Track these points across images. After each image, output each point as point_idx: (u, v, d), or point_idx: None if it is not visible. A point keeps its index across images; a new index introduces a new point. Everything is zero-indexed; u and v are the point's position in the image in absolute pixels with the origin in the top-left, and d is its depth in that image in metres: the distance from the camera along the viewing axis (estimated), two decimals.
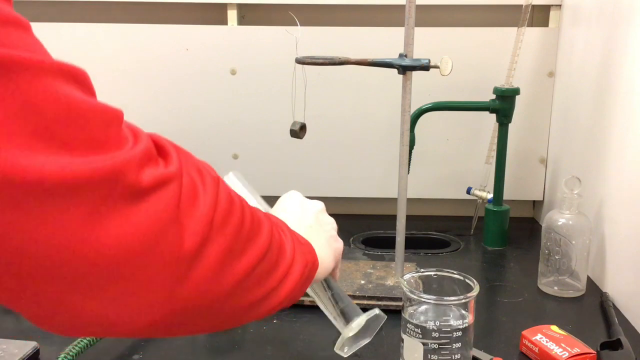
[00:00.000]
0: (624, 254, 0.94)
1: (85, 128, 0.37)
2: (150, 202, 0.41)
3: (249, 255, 0.51)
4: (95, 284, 0.39)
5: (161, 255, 0.42)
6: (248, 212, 0.53)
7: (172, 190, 0.43)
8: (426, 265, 1.08)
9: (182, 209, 0.43)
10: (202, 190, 0.46)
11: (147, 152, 0.42)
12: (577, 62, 1.17)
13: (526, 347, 0.80)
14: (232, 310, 0.52)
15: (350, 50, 1.00)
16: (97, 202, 0.37)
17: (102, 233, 0.38)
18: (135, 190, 0.39)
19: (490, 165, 1.25)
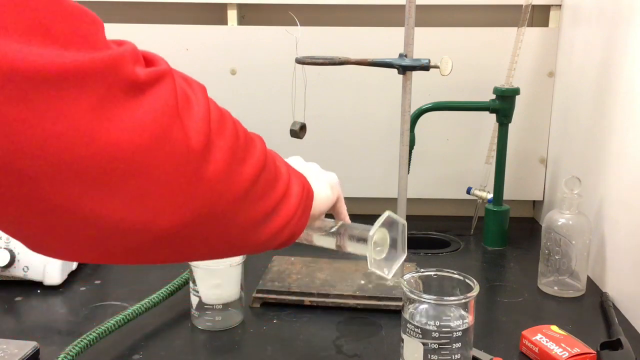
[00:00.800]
0: (624, 254, 0.94)
1: (77, 26, 0.37)
2: (150, 96, 0.41)
3: (250, 164, 0.51)
4: (111, 181, 0.39)
5: (171, 150, 0.41)
6: (239, 125, 0.53)
7: (168, 86, 0.42)
8: (426, 265, 1.08)
9: (180, 107, 0.43)
10: (192, 94, 0.46)
11: (135, 52, 0.42)
12: (577, 62, 1.17)
13: (526, 347, 0.80)
14: (242, 223, 0.51)
15: (350, 50, 1.00)
16: (101, 93, 0.37)
17: (111, 126, 0.38)
18: (134, 83, 0.39)
19: (490, 165, 1.25)
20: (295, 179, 0.61)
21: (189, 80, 0.48)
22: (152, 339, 0.85)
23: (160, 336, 0.86)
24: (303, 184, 0.62)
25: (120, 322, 0.83)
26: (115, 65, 0.38)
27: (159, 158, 0.41)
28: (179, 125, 0.42)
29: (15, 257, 0.97)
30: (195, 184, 0.44)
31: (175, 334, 0.87)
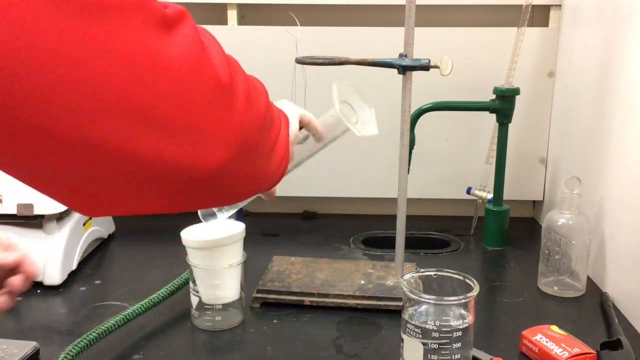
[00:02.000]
0: (624, 254, 0.94)
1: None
2: (180, 32, 0.41)
3: (261, 97, 0.55)
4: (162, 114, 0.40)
5: (206, 84, 0.43)
6: (249, 76, 0.56)
7: (191, 24, 0.43)
8: (426, 265, 1.08)
9: (204, 45, 0.44)
10: (205, 34, 0.48)
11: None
12: (577, 62, 1.17)
13: (526, 347, 0.80)
14: (264, 153, 0.55)
15: (350, 50, 1.00)
16: (138, 25, 0.38)
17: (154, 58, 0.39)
18: (164, 19, 0.40)
19: (490, 165, 1.25)
20: (278, 110, 0.66)
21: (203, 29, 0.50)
22: (152, 339, 0.85)
23: (160, 336, 0.86)
24: (281, 113, 0.66)
25: (120, 322, 0.83)
26: (145, 2, 0.39)
27: (198, 92, 0.42)
28: (208, 61, 0.44)
29: None
30: (232, 115, 0.46)
31: (175, 334, 0.87)
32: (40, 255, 0.98)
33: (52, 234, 1.01)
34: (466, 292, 0.71)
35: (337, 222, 1.36)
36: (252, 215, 1.36)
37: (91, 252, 1.13)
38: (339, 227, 1.32)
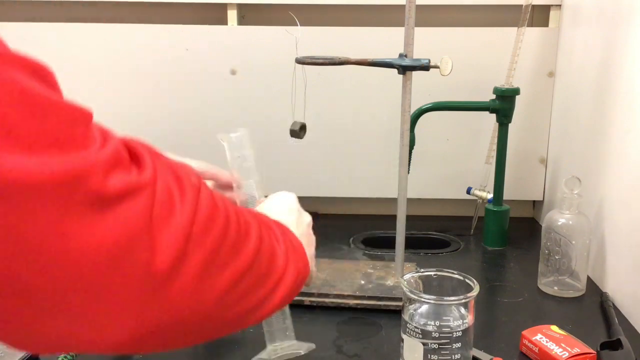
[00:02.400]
0: (624, 254, 0.94)
1: (46, 124, 0.35)
2: (118, 211, 0.38)
3: (234, 267, 0.48)
4: (60, 299, 0.37)
5: (129, 270, 0.39)
6: (234, 219, 0.50)
7: (144, 200, 0.40)
8: (426, 265, 1.08)
9: (155, 221, 0.40)
10: (179, 200, 0.43)
11: (115, 155, 0.39)
12: (577, 62, 1.17)
13: (526, 347, 0.80)
14: (216, 321, 0.49)
15: (350, 50, 0.99)
16: (56, 208, 0.34)
17: (64, 242, 0.35)
18: (100, 197, 0.37)
19: (490, 165, 1.25)
20: (293, 264, 0.58)
21: (181, 178, 0.45)
22: None
23: None
24: (299, 269, 0.59)
25: None
26: (78, 176, 0.35)
27: (114, 278, 0.38)
28: (147, 242, 0.39)
29: None
30: (151, 304, 0.41)
31: None
32: None
33: None
34: (466, 292, 0.71)
35: (337, 222, 1.36)
36: None
37: None
38: (339, 227, 1.32)
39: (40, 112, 0.35)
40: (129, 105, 1.32)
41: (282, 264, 0.56)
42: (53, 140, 0.35)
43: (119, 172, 0.39)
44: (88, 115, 0.39)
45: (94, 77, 1.32)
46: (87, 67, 1.31)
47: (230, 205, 0.52)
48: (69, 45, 1.29)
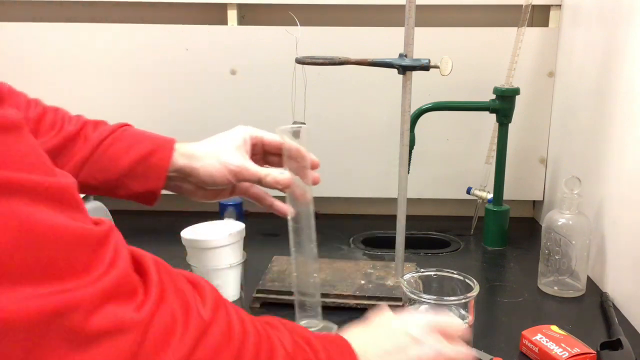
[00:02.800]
0: (624, 254, 0.94)
1: (40, 255, 0.33)
2: (98, 349, 0.36)
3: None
4: None
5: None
6: (250, 351, 0.46)
7: (131, 338, 0.37)
8: (426, 265, 1.08)
9: (142, 358, 0.38)
10: (180, 331, 0.41)
11: (116, 284, 0.37)
12: (577, 62, 1.17)
13: (526, 347, 0.80)
14: None
15: (350, 50, 0.99)
16: (28, 344, 0.33)
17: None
18: (80, 334, 0.35)
19: (490, 165, 1.25)
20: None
21: (190, 309, 0.43)
22: None
23: None
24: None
25: None
26: (62, 314, 0.34)
27: None
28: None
29: None
30: None
31: None
32: None
33: None
34: (466, 292, 0.71)
35: (337, 222, 1.36)
36: (252, 215, 1.36)
37: None
38: (339, 227, 1.32)
39: (35, 243, 0.33)
40: (129, 105, 1.32)
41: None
42: (42, 272, 0.33)
43: (114, 304, 0.37)
44: (103, 236, 0.38)
45: (94, 77, 1.32)
46: (87, 67, 1.31)
47: (254, 331, 0.48)
48: (69, 45, 1.29)
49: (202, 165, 0.75)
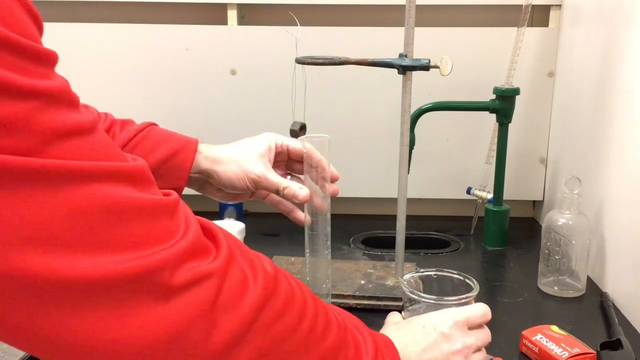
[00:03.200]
0: (624, 254, 0.94)
1: (127, 227, 0.39)
2: (182, 299, 0.41)
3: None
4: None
5: (184, 350, 0.42)
6: (310, 314, 0.50)
7: (211, 287, 0.43)
8: (426, 265, 1.08)
9: (219, 306, 0.43)
10: (251, 285, 0.46)
11: (194, 243, 0.42)
12: (577, 62, 1.17)
13: (526, 347, 0.80)
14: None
15: (350, 50, 0.99)
16: (124, 300, 0.39)
17: (127, 328, 0.39)
18: (166, 289, 0.40)
19: (490, 165, 1.25)
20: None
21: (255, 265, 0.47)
22: None
23: None
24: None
25: None
26: (149, 272, 0.39)
27: (169, 356, 0.41)
28: (205, 325, 0.42)
29: None
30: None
31: None
32: None
33: None
34: (466, 292, 0.71)
35: (337, 222, 1.35)
36: (252, 215, 1.36)
37: None
38: (339, 227, 1.31)
39: (123, 218, 0.39)
40: (129, 105, 1.32)
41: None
42: (131, 240, 0.39)
43: (194, 260, 0.42)
44: (174, 205, 0.43)
45: (94, 77, 1.32)
46: (87, 67, 1.31)
47: (312, 299, 0.52)
48: (69, 45, 1.29)
49: (223, 170, 0.78)
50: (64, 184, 0.36)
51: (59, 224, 0.36)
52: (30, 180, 0.35)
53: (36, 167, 0.35)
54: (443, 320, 0.65)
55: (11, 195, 0.35)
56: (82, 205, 0.37)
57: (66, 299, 0.37)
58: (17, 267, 0.35)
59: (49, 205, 0.36)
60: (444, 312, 0.67)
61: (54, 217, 0.36)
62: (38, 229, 0.35)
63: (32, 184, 0.35)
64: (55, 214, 0.36)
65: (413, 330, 0.64)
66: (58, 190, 0.36)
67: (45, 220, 0.36)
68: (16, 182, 0.35)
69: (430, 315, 0.66)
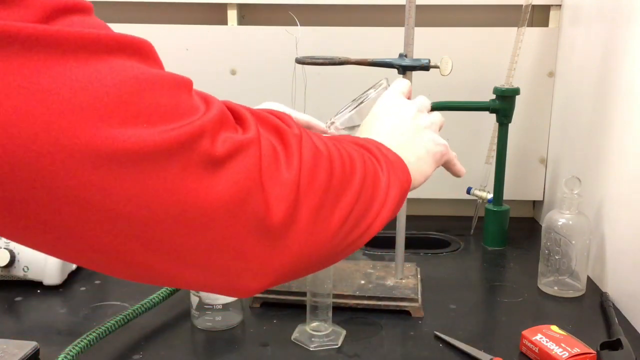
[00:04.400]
0: (624, 254, 0.94)
1: (154, 99, 0.37)
2: (230, 169, 0.40)
3: (343, 203, 0.50)
4: (190, 253, 0.41)
5: (247, 223, 0.42)
6: (337, 156, 0.51)
7: (252, 156, 0.42)
8: (426, 265, 1.08)
9: (265, 175, 0.43)
10: (283, 153, 0.46)
11: (221, 116, 0.41)
12: (577, 62, 1.17)
13: (526, 347, 0.80)
14: (332, 254, 0.52)
15: (350, 50, 1.00)
16: (175, 170, 0.38)
17: (187, 201, 0.38)
18: (212, 157, 0.39)
19: (490, 165, 1.25)
20: (395, 181, 0.59)
21: (282, 131, 0.47)
22: (152, 339, 0.85)
23: (160, 336, 0.86)
24: (401, 183, 0.60)
25: (120, 322, 0.83)
26: (190, 141, 0.38)
27: (235, 230, 0.41)
28: (260, 195, 0.42)
29: (15, 257, 0.97)
30: (271, 255, 0.44)
31: (175, 334, 0.87)
32: (40, 255, 0.98)
33: None
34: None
35: None
36: None
37: None
38: None
39: (146, 90, 0.37)
40: None
41: (385, 185, 0.57)
42: (161, 112, 0.37)
43: (226, 132, 0.41)
44: (188, 83, 0.42)
45: None
46: None
47: (331, 143, 0.53)
48: None
49: None
50: (79, 53, 0.35)
51: (80, 97, 0.34)
52: (45, 48, 0.33)
53: (50, 34, 0.33)
54: (381, 106, 0.70)
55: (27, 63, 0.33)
56: (105, 76, 0.35)
57: (108, 171, 0.35)
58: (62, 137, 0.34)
59: (72, 75, 0.34)
60: (377, 103, 0.71)
61: (72, 90, 0.34)
62: (66, 100, 0.34)
63: (45, 52, 0.33)
64: (72, 86, 0.34)
65: (372, 128, 0.68)
66: (79, 59, 0.34)
67: (71, 91, 0.34)
68: (24, 51, 0.33)
69: (369, 114, 0.71)
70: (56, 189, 0.35)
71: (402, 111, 0.70)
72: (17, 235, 0.37)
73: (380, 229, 0.57)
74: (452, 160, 0.76)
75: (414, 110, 0.71)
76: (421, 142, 0.69)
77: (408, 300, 0.91)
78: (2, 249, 0.97)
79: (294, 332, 0.86)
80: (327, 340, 0.83)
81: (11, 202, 0.34)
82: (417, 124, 0.70)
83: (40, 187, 0.34)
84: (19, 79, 0.33)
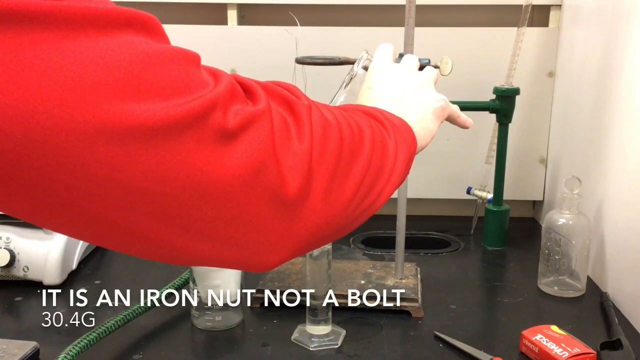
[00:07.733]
0: (624, 254, 0.94)
1: (165, 73, 0.37)
2: (243, 141, 0.40)
3: (355, 171, 0.50)
4: (207, 227, 0.40)
5: (263, 196, 0.42)
6: (346, 126, 0.51)
7: (264, 128, 0.42)
8: (426, 265, 1.08)
9: (278, 146, 0.42)
10: (293, 124, 0.46)
11: (231, 89, 0.41)
12: (577, 62, 1.17)
13: (526, 347, 0.80)
14: (347, 224, 0.52)
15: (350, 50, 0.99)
16: (189, 144, 0.38)
17: (203, 175, 0.38)
18: (224, 130, 0.39)
19: (490, 165, 1.25)
20: (402, 145, 0.59)
21: (291, 103, 0.48)
22: (152, 339, 0.85)
23: (160, 336, 0.86)
24: (408, 146, 0.60)
25: (120, 322, 0.83)
26: (205, 115, 0.38)
27: (250, 206, 0.41)
28: (274, 167, 0.42)
29: (15, 257, 0.97)
30: (289, 225, 0.44)
31: (175, 334, 0.87)
32: (40, 255, 0.98)
33: (52, 233, 1.01)
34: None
35: None
36: None
37: (91, 252, 1.13)
38: None
39: (155, 64, 0.37)
40: None
41: (393, 150, 0.57)
42: (172, 85, 0.37)
43: (237, 104, 0.41)
44: (197, 57, 0.41)
45: None
46: None
47: (338, 112, 0.53)
48: None
49: None
50: (88, 28, 0.34)
51: (91, 73, 0.34)
52: (55, 23, 0.33)
53: (59, 10, 0.33)
54: (371, 77, 0.70)
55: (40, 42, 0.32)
56: (115, 51, 0.35)
57: (123, 146, 0.35)
58: (72, 114, 0.33)
59: (83, 50, 0.33)
60: (367, 76, 0.71)
61: (83, 66, 0.33)
62: (78, 76, 0.33)
63: (55, 28, 0.33)
64: (90, 60, 0.34)
65: (369, 99, 0.67)
66: (89, 35, 0.34)
67: (82, 67, 0.33)
68: (33, 27, 0.32)
69: (362, 89, 0.70)
70: (72, 166, 0.34)
71: (393, 76, 0.70)
72: (36, 217, 0.37)
73: (391, 194, 0.57)
74: (455, 113, 0.76)
75: (404, 72, 0.70)
76: (420, 102, 0.68)
77: (408, 300, 0.91)
78: (2, 249, 0.97)
79: (294, 332, 0.86)
80: (327, 341, 0.83)
81: (28, 182, 0.34)
82: (411, 84, 0.69)
83: (56, 165, 0.34)
84: (29, 55, 0.32)
